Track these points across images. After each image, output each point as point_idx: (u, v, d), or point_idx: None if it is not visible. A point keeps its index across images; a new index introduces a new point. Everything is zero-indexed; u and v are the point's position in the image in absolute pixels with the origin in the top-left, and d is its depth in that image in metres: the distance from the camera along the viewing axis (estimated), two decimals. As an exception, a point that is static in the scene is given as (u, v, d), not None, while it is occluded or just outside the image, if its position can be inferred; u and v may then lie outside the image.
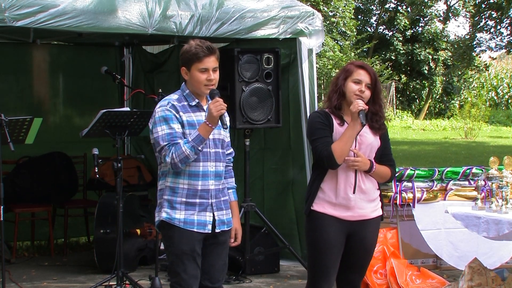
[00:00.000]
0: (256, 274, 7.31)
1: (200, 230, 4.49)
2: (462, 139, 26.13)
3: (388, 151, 4.81)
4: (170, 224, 4.49)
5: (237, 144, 7.80)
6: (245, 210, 7.20)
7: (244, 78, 7.13)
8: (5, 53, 8.73)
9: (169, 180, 4.52)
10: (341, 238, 4.66)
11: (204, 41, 4.55)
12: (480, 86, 39.14)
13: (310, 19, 7.41)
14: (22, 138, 6.46)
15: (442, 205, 6.93)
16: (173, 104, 4.50)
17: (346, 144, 4.57)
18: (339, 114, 4.69)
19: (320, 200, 4.66)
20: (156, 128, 4.48)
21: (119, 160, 6.29)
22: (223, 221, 4.59)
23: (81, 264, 7.82)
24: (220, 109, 4.40)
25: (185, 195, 4.48)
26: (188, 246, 4.46)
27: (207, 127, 4.41)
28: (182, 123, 4.47)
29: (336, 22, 29.36)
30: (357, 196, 4.65)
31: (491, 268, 6.30)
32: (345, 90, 4.66)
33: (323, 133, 4.63)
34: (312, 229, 4.68)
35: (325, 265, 4.67)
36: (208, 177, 4.50)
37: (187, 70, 4.53)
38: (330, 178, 4.66)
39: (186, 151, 4.38)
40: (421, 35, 36.69)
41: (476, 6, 36.24)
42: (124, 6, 6.62)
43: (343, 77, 4.68)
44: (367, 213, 4.71)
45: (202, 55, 4.46)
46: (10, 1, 6.11)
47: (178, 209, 4.48)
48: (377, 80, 4.69)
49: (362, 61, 4.95)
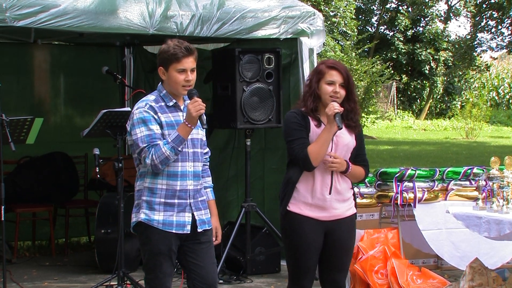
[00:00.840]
0: (257, 274, 7.31)
1: (178, 231, 4.50)
2: (463, 139, 26.13)
3: (362, 151, 4.83)
4: (148, 225, 4.49)
5: (238, 144, 7.80)
6: (246, 210, 7.20)
7: (245, 78, 7.13)
8: (6, 53, 8.73)
9: (148, 181, 4.51)
10: (319, 237, 4.69)
11: (183, 41, 4.52)
12: (481, 86, 39.14)
13: (311, 19, 7.40)
14: (23, 138, 6.46)
15: (443, 205, 6.92)
16: (151, 105, 4.47)
17: (322, 147, 4.59)
18: (316, 116, 4.72)
19: (295, 201, 4.69)
20: (134, 130, 4.45)
21: (120, 160, 6.29)
22: (204, 221, 4.59)
23: (82, 264, 7.82)
24: (199, 109, 4.38)
25: (163, 195, 4.48)
26: (166, 246, 4.48)
27: (186, 127, 4.40)
28: (161, 124, 4.46)
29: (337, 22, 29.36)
30: (332, 197, 4.69)
31: (492, 268, 6.30)
32: (320, 93, 4.68)
33: (299, 134, 4.65)
34: (289, 229, 4.71)
35: (305, 265, 4.71)
36: (186, 177, 4.50)
37: (165, 70, 4.50)
38: (306, 179, 4.68)
39: (166, 152, 4.37)
40: (422, 35, 36.68)
41: (477, 6, 36.25)
42: (125, 6, 6.62)
43: (315, 79, 4.70)
44: (342, 212, 4.74)
45: (180, 56, 4.44)
46: (11, 1, 6.11)
47: (157, 210, 4.48)
48: (350, 77, 4.71)
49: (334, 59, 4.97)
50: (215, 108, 7.44)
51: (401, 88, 36.51)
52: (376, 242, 6.74)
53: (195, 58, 4.50)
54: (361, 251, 6.64)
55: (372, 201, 7.35)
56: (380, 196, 7.09)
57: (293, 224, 4.68)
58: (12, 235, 8.04)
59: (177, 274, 6.07)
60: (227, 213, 7.97)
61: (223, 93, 7.24)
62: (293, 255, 4.73)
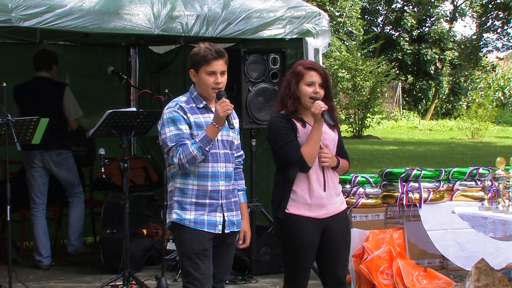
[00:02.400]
0: (262, 274, 7.31)
1: (210, 230, 4.50)
2: (468, 139, 26.09)
3: (342, 143, 4.90)
4: (180, 225, 4.50)
5: (243, 145, 7.78)
6: (251, 210, 7.19)
7: (250, 78, 7.13)
8: (12, 53, 8.75)
9: (178, 181, 4.53)
10: (317, 236, 4.72)
11: (214, 44, 4.57)
12: (487, 86, 39.07)
13: (316, 19, 7.40)
14: (29, 138, 6.47)
15: (449, 205, 6.91)
16: (181, 105, 4.51)
17: (315, 147, 4.63)
18: (299, 117, 4.73)
19: (294, 203, 4.69)
20: (164, 130, 4.49)
21: (125, 160, 6.30)
22: (233, 222, 4.60)
23: (88, 264, 7.82)
24: (226, 110, 4.41)
25: (194, 195, 4.50)
26: (199, 245, 4.47)
27: (214, 127, 4.43)
28: (190, 124, 4.49)
29: (342, 22, 29.36)
30: (327, 193, 4.72)
31: (498, 269, 6.29)
32: (299, 94, 4.69)
33: (289, 137, 4.66)
34: (289, 232, 4.71)
35: (304, 264, 4.75)
36: (218, 178, 4.52)
37: (195, 73, 4.54)
38: (301, 180, 4.69)
39: (194, 151, 4.39)
40: (428, 35, 36.64)
41: (483, 6, 36.21)
42: (131, 7, 6.63)
43: (295, 81, 4.71)
44: (337, 207, 4.78)
45: (210, 58, 4.48)
46: (17, 1, 6.13)
47: (188, 210, 4.49)
48: (328, 77, 4.75)
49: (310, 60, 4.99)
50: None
51: (407, 88, 36.47)
52: (381, 242, 6.73)
53: (226, 61, 4.55)
54: (367, 252, 6.64)
55: (378, 201, 7.35)
56: (386, 196, 7.09)
57: (294, 225, 4.69)
58: (18, 235, 8.06)
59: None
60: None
61: (228, 93, 7.20)
62: (293, 256, 4.75)
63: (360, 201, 7.32)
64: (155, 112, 6.47)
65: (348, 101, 27.17)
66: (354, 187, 7.35)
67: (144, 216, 7.64)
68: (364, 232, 6.81)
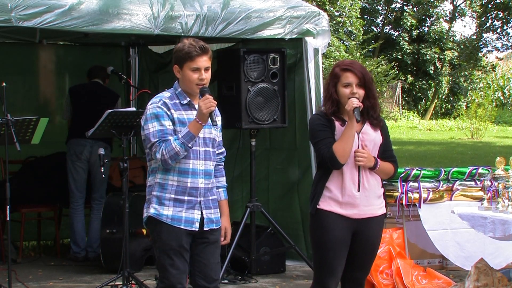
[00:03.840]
0: (262, 274, 7.31)
1: (187, 227, 4.53)
2: (468, 139, 26.08)
3: (389, 147, 4.85)
4: (157, 220, 4.53)
5: (243, 144, 7.80)
6: (251, 210, 7.20)
7: (250, 78, 7.13)
8: (12, 53, 8.75)
9: (159, 176, 4.55)
10: (348, 236, 4.69)
11: (198, 40, 4.59)
12: (487, 86, 39.05)
13: (316, 19, 7.40)
14: (28, 138, 6.47)
15: (448, 205, 6.91)
16: (164, 101, 4.53)
17: (347, 143, 4.61)
18: (339, 116, 4.74)
19: (326, 199, 4.69)
20: (147, 125, 4.51)
21: (125, 160, 6.30)
22: (212, 220, 4.62)
23: (87, 264, 7.82)
24: (209, 106, 4.42)
25: (174, 191, 4.52)
26: (176, 241, 4.50)
27: (197, 124, 4.44)
28: (173, 121, 4.51)
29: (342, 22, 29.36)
30: (362, 194, 4.69)
31: (498, 269, 6.29)
32: (337, 96, 4.70)
33: (324, 134, 4.67)
34: (318, 227, 4.70)
35: (332, 263, 4.69)
36: (197, 175, 4.54)
37: (179, 69, 4.57)
38: (336, 177, 4.69)
39: (176, 147, 4.41)
40: (427, 35, 36.63)
41: (483, 6, 36.20)
42: (130, 7, 6.62)
43: (332, 83, 4.72)
44: (372, 210, 4.74)
45: (194, 54, 4.50)
46: (17, 1, 6.12)
47: (167, 205, 4.52)
48: (366, 75, 4.71)
49: (351, 60, 4.98)
50: (220, 108, 7.42)
51: (406, 88, 36.45)
52: (381, 242, 6.72)
53: (210, 57, 4.57)
54: (366, 251, 6.63)
55: (377, 201, 7.34)
56: (385, 196, 7.07)
57: (322, 221, 4.68)
58: (17, 235, 8.06)
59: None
60: (232, 213, 7.93)
61: (228, 93, 7.25)
62: (320, 253, 4.71)
63: (359, 201, 7.31)
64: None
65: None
66: (354, 187, 7.34)
67: (144, 216, 7.63)
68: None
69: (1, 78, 6.16)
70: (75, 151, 7.87)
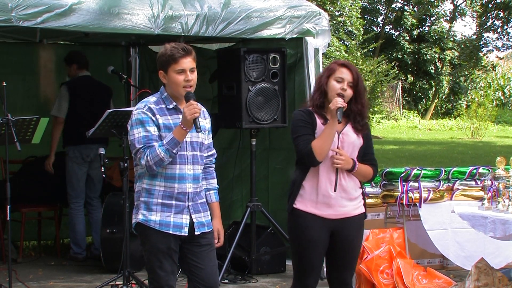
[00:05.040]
0: (262, 274, 7.31)
1: (176, 232, 4.50)
2: (468, 139, 26.08)
3: (370, 150, 4.86)
4: (145, 226, 4.51)
5: (243, 144, 7.80)
6: (251, 210, 7.20)
7: (250, 78, 7.13)
8: (12, 53, 8.75)
9: (145, 182, 4.53)
10: (325, 236, 4.71)
11: (179, 43, 4.56)
12: (487, 85, 39.06)
13: (316, 19, 7.40)
14: (28, 137, 6.47)
15: (449, 205, 6.91)
16: (149, 106, 4.50)
17: (326, 141, 4.61)
18: (322, 113, 4.73)
19: (302, 198, 4.71)
20: (132, 131, 4.50)
21: (125, 160, 6.29)
22: (203, 223, 4.58)
23: (88, 264, 7.82)
24: (193, 113, 4.38)
25: (161, 196, 4.49)
26: (164, 244, 4.49)
27: (181, 130, 4.40)
28: (159, 126, 4.47)
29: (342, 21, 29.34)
30: (338, 194, 4.69)
31: (498, 268, 6.29)
32: (327, 89, 4.69)
33: (304, 130, 4.67)
34: (295, 227, 4.73)
35: (310, 263, 4.73)
36: (185, 180, 4.50)
37: (165, 74, 4.53)
38: (312, 176, 4.70)
39: (161, 154, 4.38)
40: (428, 34, 36.62)
41: (483, 6, 36.21)
42: (130, 7, 6.62)
43: (326, 75, 4.72)
44: (349, 211, 4.75)
45: (178, 56, 4.46)
46: (17, 1, 6.12)
47: (154, 211, 4.49)
48: (360, 79, 4.73)
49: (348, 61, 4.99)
50: (220, 108, 7.44)
51: (407, 88, 36.46)
52: (381, 242, 6.73)
53: (194, 58, 4.52)
54: (367, 251, 6.64)
55: (378, 201, 7.35)
56: (386, 196, 7.09)
57: (298, 221, 4.70)
58: (17, 235, 8.06)
59: (183, 274, 6.08)
60: (232, 213, 7.97)
61: (228, 93, 7.25)
62: (298, 252, 4.75)
63: (360, 200, 7.31)
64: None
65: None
66: (354, 187, 7.35)
67: (144, 215, 7.63)
68: (364, 231, 6.80)
69: (1, 78, 6.16)
70: (82, 154, 7.85)
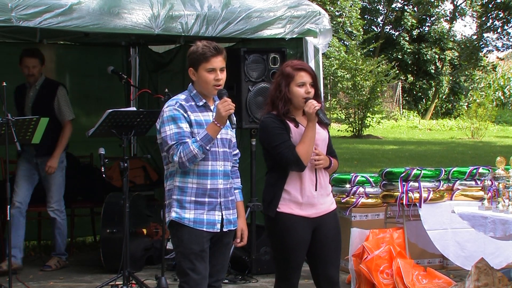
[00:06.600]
0: (262, 274, 7.31)
1: (209, 229, 4.51)
2: (468, 139, 26.09)
3: (331, 143, 4.92)
4: (179, 223, 4.51)
5: (243, 144, 7.80)
6: (251, 210, 7.21)
7: (250, 78, 7.13)
8: (12, 53, 8.72)
9: (178, 180, 4.53)
10: (308, 235, 4.75)
11: (211, 41, 4.58)
12: (487, 85, 39.08)
13: (317, 19, 7.40)
14: (28, 137, 6.48)
15: (449, 205, 6.91)
16: (181, 103, 4.52)
17: (310, 146, 4.64)
18: (291, 117, 4.74)
19: (286, 202, 4.71)
20: (164, 128, 4.50)
21: (125, 160, 6.29)
22: (230, 221, 4.62)
23: (88, 264, 7.83)
24: (228, 109, 4.44)
25: (194, 194, 4.50)
26: (198, 245, 4.48)
27: (215, 126, 4.44)
28: (190, 123, 4.50)
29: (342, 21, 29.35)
30: (318, 193, 4.74)
31: (498, 268, 6.29)
32: (291, 96, 4.70)
33: (283, 137, 4.67)
34: (280, 230, 4.72)
35: (296, 262, 4.77)
36: (217, 176, 4.53)
37: (195, 71, 4.55)
38: (294, 179, 4.71)
39: (194, 150, 4.40)
40: (428, 34, 36.65)
41: (483, 6, 36.22)
42: (130, 7, 6.63)
43: (285, 83, 4.70)
44: (327, 207, 4.81)
45: (209, 55, 4.49)
46: (17, 1, 6.13)
47: (188, 209, 4.50)
48: (315, 75, 4.77)
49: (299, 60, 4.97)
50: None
51: (407, 88, 36.48)
52: (381, 242, 6.73)
53: (224, 57, 4.56)
54: (367, 251, 6.64)
55: (378, 201, 7.35)
56: (386, 196, 7.09)
57: (284, 224, 4.70)
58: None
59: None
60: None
61: (228, 92, 7.23)
62: (284, 255, 4.76)
63: (360, 200, 7.32)
64: (155, 111, 6.47)
65: (348, 101, 27.17)
66: (354, 187, 7.36)
67: (144, 215, 7.64)
68: (364, 231, 6.81)
69: (1, 78, 6.16)
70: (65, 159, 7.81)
